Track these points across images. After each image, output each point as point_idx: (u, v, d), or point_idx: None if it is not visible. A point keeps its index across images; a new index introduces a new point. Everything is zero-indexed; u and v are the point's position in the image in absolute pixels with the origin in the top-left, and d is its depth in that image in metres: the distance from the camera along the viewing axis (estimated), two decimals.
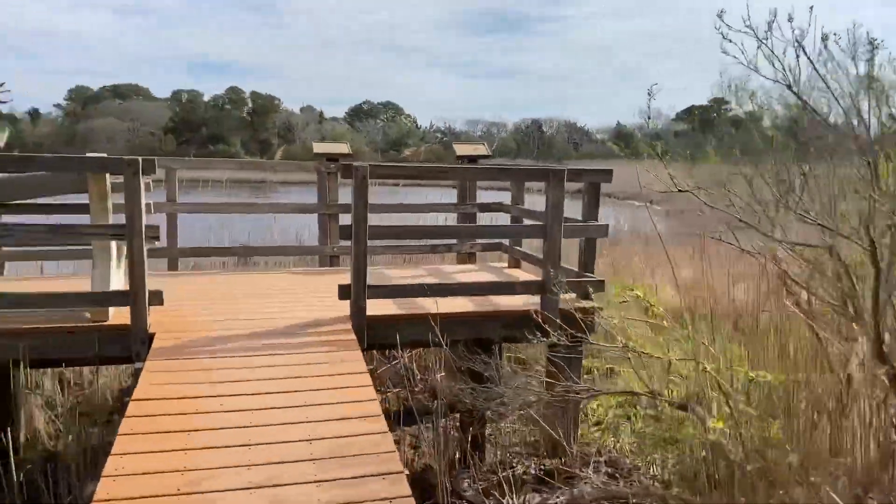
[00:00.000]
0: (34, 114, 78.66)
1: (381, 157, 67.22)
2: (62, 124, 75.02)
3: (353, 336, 4.45)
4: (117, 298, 4.33)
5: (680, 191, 4.12)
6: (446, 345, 4.77)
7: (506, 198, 6.79)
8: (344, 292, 4.62)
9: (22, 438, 5.77)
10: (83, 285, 4.67)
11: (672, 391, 4.64)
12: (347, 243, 4.72)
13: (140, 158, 4.10)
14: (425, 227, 5.67)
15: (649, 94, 4.25)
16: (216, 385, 3.65)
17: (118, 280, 4.54)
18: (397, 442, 6.08)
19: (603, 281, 5.21)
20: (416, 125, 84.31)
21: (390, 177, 4.71)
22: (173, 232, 6.35)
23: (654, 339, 4.76)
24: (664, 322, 4.02)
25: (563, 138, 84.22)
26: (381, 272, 6.40)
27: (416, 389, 7.13)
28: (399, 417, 6.20)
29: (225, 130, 70.65)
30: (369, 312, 4.65)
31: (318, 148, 6.72)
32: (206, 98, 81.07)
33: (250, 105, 79.80)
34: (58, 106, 79.76)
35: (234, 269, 7.54)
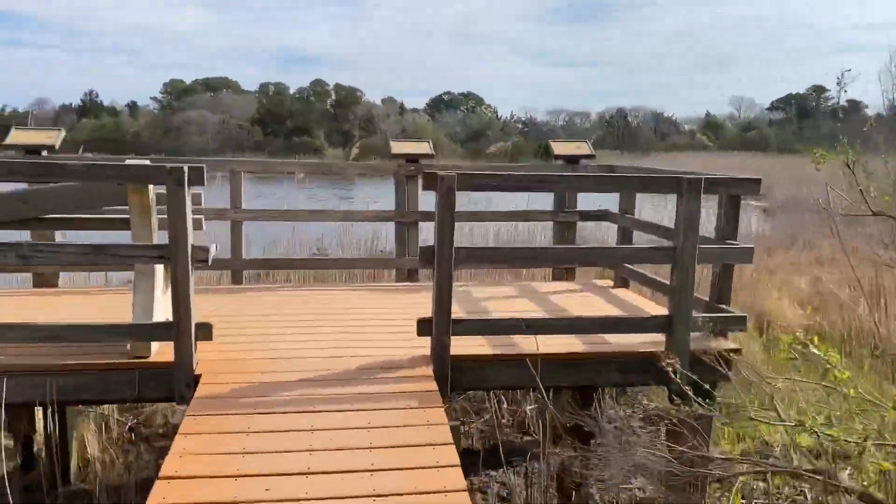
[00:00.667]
0: (133, 106, 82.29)
1: (461, 149, 66.54)
2: (158, 116, 78.13)
3: (434, 385, 3.59)
4: (159, 332, 3.63)
5: (875, 213, 3.03)
6: (548, 394, 3.86)
7: (609, 200, 5.79)
8: (424, 328, 3.76)
9: (73, 467, 5.26)
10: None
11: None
12: None
13: (186, 166, 3.37)
14: (523, 251, 4.74)
15: (839, 83, 3.20)
16: (263, 458, 2.86)
17: (164, 308, 3.84)
18: (482, 491, 5.22)
19: (744, 317, 4.14)
20: (497, 116, 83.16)
21: (485, 188, 3.83)
22: (238, 241, 5.67)
23: (822, 400, 3.68)
24: (851, 391, 2.96)
25: (649, 128, 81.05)
26: (466, 291, 5.51)
27: (503, 422, 6.24)
28: (484, 459, 5.35)
29: (309, 122, 71.76)
30: (454, 351, 3.78)
31: (397, 147, 5.89)
32: (291, 91, 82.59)
33: (333, 97, 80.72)
34: (154, 99, 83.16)
35: (303, 280, 6.81)
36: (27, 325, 3.56)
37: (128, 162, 3.77)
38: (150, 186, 3.64)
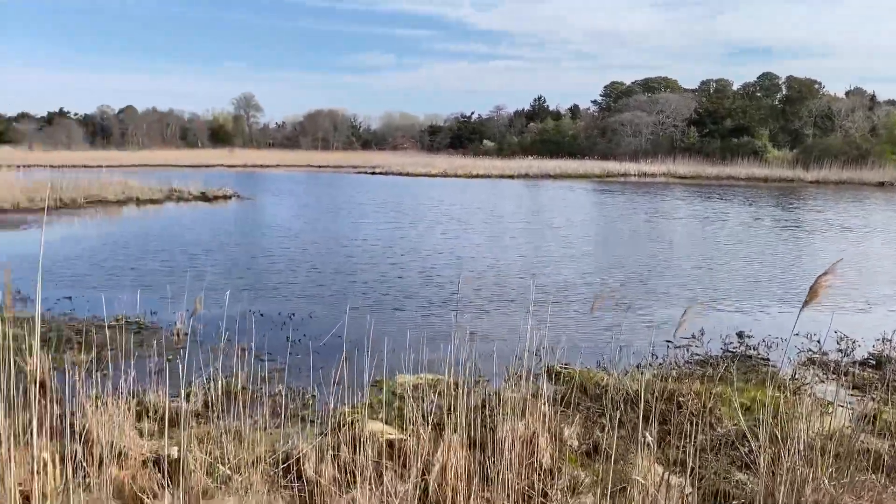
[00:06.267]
0: (574, 110, 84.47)
1: None
2: (595, 119, 78.48)
3: None
4: None
5: None
6: None
7: None
8: None
9: None
10: None
11: None
12: None
13: None
14: None
15: None
16: None
17: None
18: None
19: None
20: None
21: None
22: None
23: None
24: None
25: None
26: None
27: None
28: None
29: (752, 121, 62.79)
30: None
31: None
32: (735, 87, 74.04)
33: (784, 91, 69.44)
34: (594, 101, 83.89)
35: None
36: None
37: None
38: None
